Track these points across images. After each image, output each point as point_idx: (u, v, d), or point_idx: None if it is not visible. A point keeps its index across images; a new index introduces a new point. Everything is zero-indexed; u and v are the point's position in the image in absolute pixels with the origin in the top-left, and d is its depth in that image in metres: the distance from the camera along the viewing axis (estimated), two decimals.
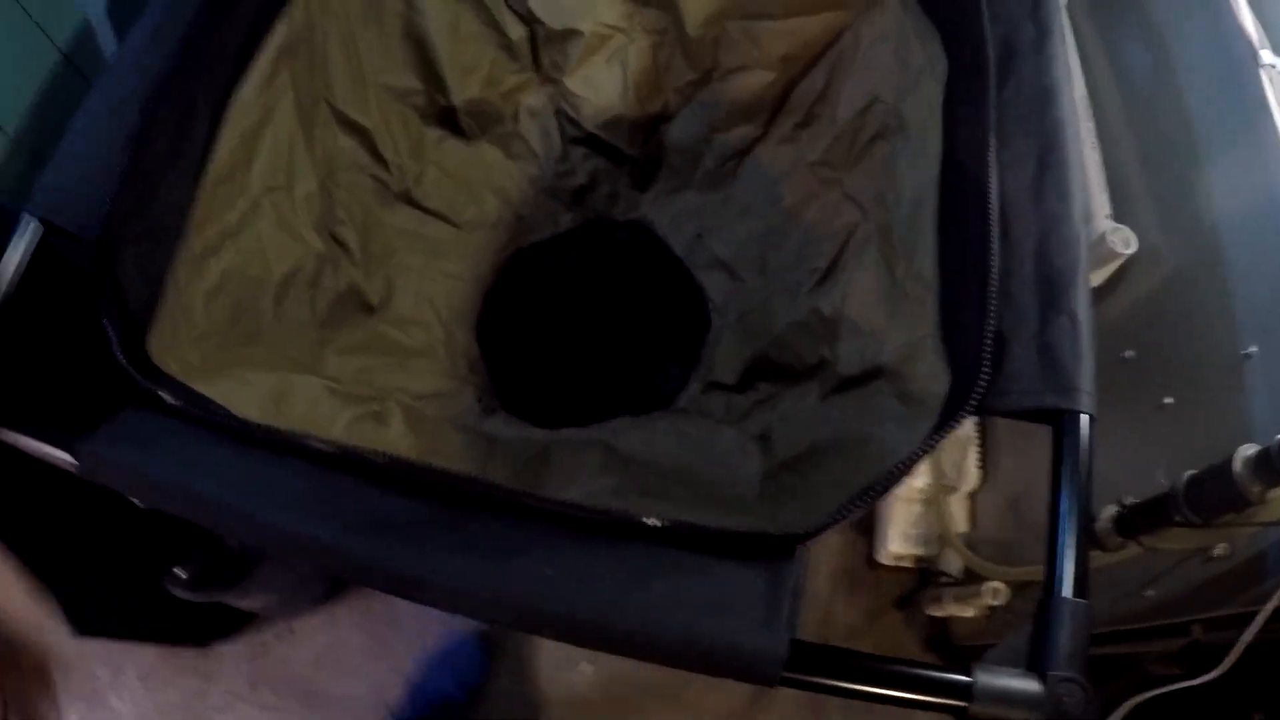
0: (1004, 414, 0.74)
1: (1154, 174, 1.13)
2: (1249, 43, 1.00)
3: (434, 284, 1.33)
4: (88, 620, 1.45)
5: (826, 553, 1.62)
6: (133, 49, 0.94)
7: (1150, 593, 1.00)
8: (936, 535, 1.47)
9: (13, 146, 1.05)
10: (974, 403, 0.72)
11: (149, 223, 0.92)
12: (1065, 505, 0.68)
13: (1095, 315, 0.74)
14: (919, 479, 1.43)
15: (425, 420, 1.14)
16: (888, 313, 0.99)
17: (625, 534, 0.71)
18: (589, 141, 1.40)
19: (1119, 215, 1.10)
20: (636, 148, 1.40)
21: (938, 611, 1.45)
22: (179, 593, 1.29)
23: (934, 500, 1.42)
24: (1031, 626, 0.65)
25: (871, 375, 0.97)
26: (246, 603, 1.59)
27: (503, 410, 1.26)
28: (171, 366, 0.87)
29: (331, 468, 0.76)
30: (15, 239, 0.85)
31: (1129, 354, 1.11)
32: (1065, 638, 0.63)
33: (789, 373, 1.15)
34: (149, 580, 1.32)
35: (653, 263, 1.39)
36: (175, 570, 1.26)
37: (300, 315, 1.14)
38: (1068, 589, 0.65)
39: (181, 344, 0.93)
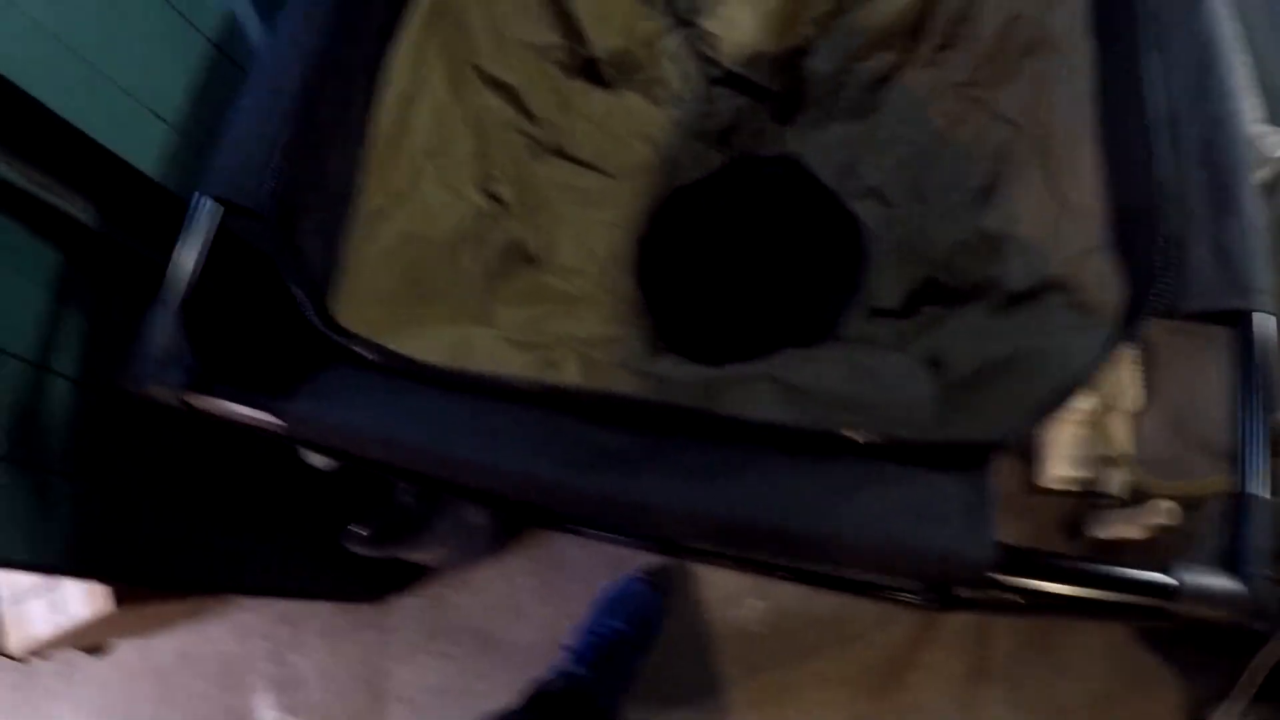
0: (1184, 317, 0.72)
1: None
2: None
3: (591, 232, 1.35)
4: (268, 581, 1.52)
5: None
6: (286, 32, 0.98)
7: None
8: (1098, 456, 1.44)
9: (175, 135, 1.08)
10: (1156, 305, 0.72)
11: (321, 192, 0.96)
12: (1251, 404, 0.67)
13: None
14: (1080, 399, 1.40)
15: (596, 365, 1.16)
16: (1055, 226, 0.97)
17: (829, 449, 0.72)
18: (730, 81, 1.40)
19: (1273, 118, 1.07)
20: (778, 83, 1.39)
21: (1103, 534, 1.43)
22: (358, 549, 1.34)
23: (1096, 421, 1.39)
24: (1226, 528, 0.65)
25: (1042, 289, 0.96)
26: (421, 556, 1.65)
27: (669, 351, 1.27)
28: (357, 326, 0.90)
29: (529, 405, 0.78)
30: (195, 223, 0.89)
31: None
32: (1260, 536, 0.63)
33: (955, 294, 1.14)
34: (327, 540, 1.38)
35: (804, 195, 1.39)
36: (354, 528, 1.31)
37: (470, 270, 1.17)
38: (1259, 487, 0.65)
39: (364, 304, 0.97)
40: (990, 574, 0.65)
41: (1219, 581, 0.62)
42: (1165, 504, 1.28)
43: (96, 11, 0.98)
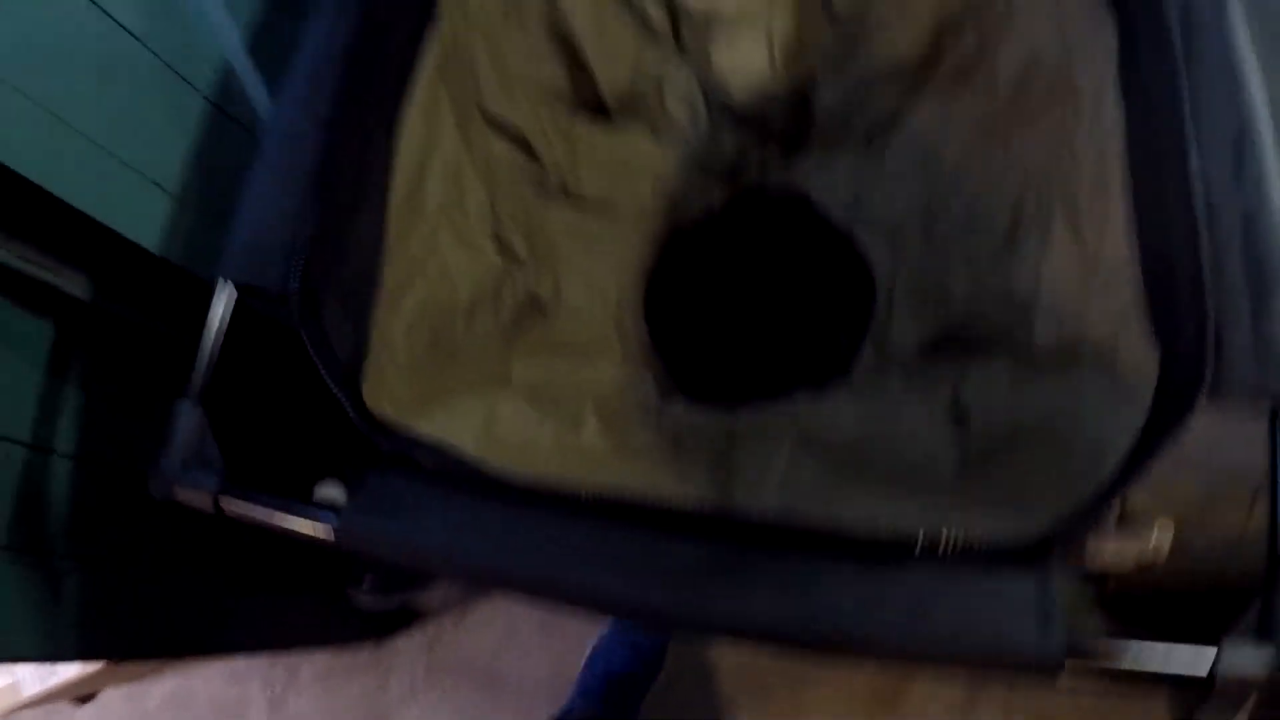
0: (1221, 403, 0.73)
1: None
2: None
3: (599, 275, 1.35)
4: (273, 637, 1.51)
5: None
6: (294, 93, 0.95)
7: None
8: None
9: (177, 205, 1.05)
10: (1203, 396, 0.72)
11: (344, 268, 0.93)
12: None
13: None
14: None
15: (613, 415, 1.16)
16: (1084, 288, 0.96)
17: (899, 554, 0.73)
18: (736, 116, 1.38)
19: None
20: (785, 118, 1.37)
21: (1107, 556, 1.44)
22: (363, 602, 1.33)
23: None
24: (1260, 596, 0.69)
25: (1072, 351, 0.96)
26: (425, 599, 1.63)
27: (681, 394, 1.26)
28: (386, 408, 0.89)
29: (582, 514, 0.78)
30: (214, 306, 0.87)
31: None
32: None
33: (975, 346, 1.13)
34: (327, 589, 1.36)
35: (811, 230, 1.37)
36: (361, 581, 1.30)
37: (487, 328, 1.16)
38: None
39: (391, 383, 0.95)
40: (1061, 669, 0.68)
41: (1252, 650, 0.67)
42: (1161, 525, 1.29)
43: (92, 81, 0.94)
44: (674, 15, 1.31)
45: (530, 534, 0.77)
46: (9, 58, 0.84)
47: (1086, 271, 0.96)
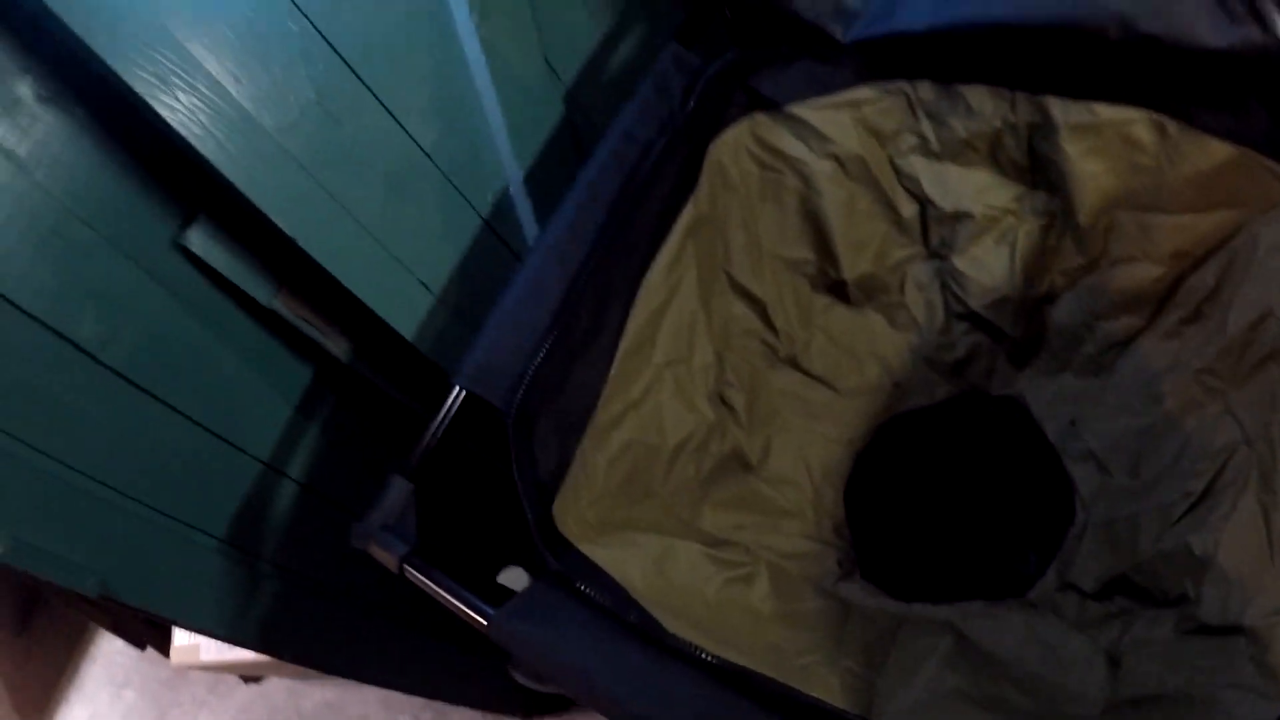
0: None
1: None
2: None
3: (810, 445, 1.39)
4: (424, 683, 1.62)
5: None
6: (554, 235, 1.05)
7: None
8: None
9: (437, 304, 1.16)
10: None
11: (563, 399, 1.03)
12: None
13: None
14: None
15: (788, 580, 1.21)
16: (1259, 568, 0.96)
17: None
18: (971, 317, 1.41)
19: None
20: (1019, 328, 1.39)
21: None
22: (522, 680, 1.39)
23: None
24: None
25: (1230, 630, 0.95)
26: None
27: (859, 575, 1.29)
28: (570, 527, 0.97)
29: (725, 684, 0.81)
30: (445, 404, 0.98)
31: None
32: None
33: (1147, 596, 1.12)
34: (488, 656, 1.43)
35: (1022, 442, 1.39)
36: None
37: (686, 475, 1.23)
38: None
39: (582, 506, 1.03)
40: None
41: None
42: None
43: (383, 184, 1.07)
44: (924, 211, 1.36)
45: (663, 685, 0.81)
46: (318, 157, 0.98)
47: (1266, 554, 0.95)
